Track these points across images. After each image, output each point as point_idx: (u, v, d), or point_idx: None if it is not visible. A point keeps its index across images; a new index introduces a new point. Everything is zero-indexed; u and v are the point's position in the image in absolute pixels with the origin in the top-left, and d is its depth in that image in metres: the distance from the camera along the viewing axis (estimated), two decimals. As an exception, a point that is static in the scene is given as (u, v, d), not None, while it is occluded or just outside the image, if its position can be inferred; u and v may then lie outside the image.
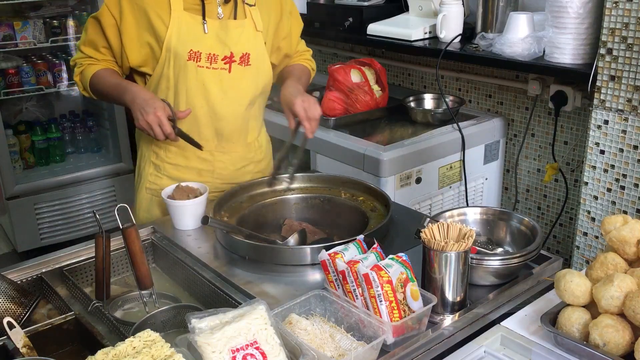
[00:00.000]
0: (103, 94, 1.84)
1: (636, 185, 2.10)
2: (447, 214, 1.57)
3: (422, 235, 1.29)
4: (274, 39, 1.95)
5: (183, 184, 1.80)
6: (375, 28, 2.95)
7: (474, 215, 1.59)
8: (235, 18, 1.83)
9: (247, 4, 1.85)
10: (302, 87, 1.90)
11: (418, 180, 2.51)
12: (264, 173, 2.04)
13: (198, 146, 1.79)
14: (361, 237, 1.41)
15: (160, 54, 1.77)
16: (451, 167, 2.61)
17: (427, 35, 2.85)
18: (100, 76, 1.82)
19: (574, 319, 1.22)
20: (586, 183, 2.23)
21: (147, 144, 1.96)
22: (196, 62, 1.78)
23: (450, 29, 2.71)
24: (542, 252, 1.50)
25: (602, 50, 2.07)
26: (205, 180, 1.90)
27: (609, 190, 2.17)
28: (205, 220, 1.54)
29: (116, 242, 1.58)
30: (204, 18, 1.78)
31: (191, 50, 1.77)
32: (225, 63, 1.81)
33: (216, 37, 1.79)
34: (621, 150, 2.10)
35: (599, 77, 2.11)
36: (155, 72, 1.82)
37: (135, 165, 1.99)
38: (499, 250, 1.56)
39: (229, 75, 1.83)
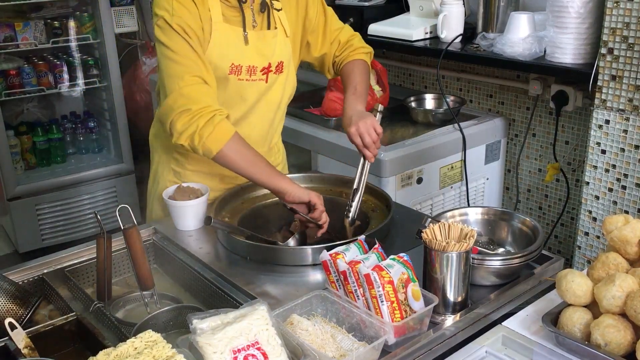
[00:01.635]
0: (236, 168, 1.64)
1: (637, 185, 2.10)
2: (448, 214, 1.57)
3: (424, 235, 1.29)
4: (302, 37, 1.89)
5: (184, 184, 1.80)
6: (376, 28, 2.95)
7: (475, 215, 1.59)
8: (269, 27, 1.78)
9: (275, 9, 1.79)
10: (362, 100, 1.81)
11: (419, 181, 2.51)
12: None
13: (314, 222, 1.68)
14: (362, 237, 1.41)
15: None
16: (452, 167, 2.61)
17: (427, 36, 2.84)
18: (239, 145, 1.61)
19: (575, 319, 1.22)
20: (587, 183, 2.22)
21: (166, 149, 1.90)
22: (237, 75, 1.73)
23: (451, 29, 2.70)
24: (544, 252, 1.50)
25: (603, 50, 2.07)
26: (227, 186, 1.86)
27: (610, 190, 2.17)
28: (208, 220, 1.54)
29: (117, 243, 1.58)
30: (244, 29, 1.72)
31: (232, 64, 1.71)
32: (263, 74, 1.77)
33: (255, 48, 1.74)
34: (622, 150, 2.10)
35: (600, 77, 2.10)
36: None
37: (136, 167, 1.98)
38: (500, 250, 1.56)
39: (265, 85, 1.79)
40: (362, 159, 1.73)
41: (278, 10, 1.80)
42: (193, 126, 1.57)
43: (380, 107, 1.78)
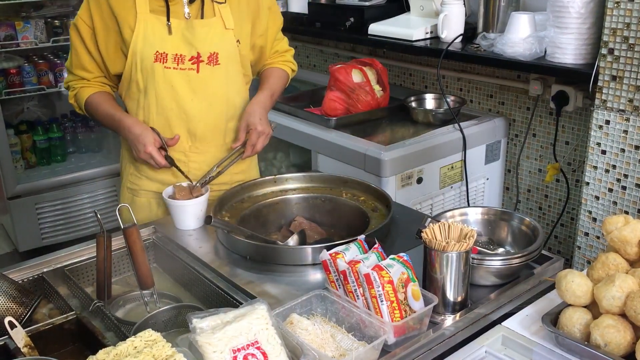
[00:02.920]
0: (100, 121, 1.91)
1: (637, 185, 2.10)
2: (448, 214, 1.57)
3: (423, 235, 1.29)
4: (251, 36, 1.93)
5: (184, 184, 1.79)
6: (377, 28, 2.95)
7: (475, 215, 1.59)
8: (202, 17, 1.82)
9: (216, 2, 1.83)
10: (271, 107, 1.94)
11: (419, 180, 2.50)
12: (243, 174, 2.01)
13: (185, 175, 1.80)
14: (362, 237, 1.41)
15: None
16: (452, 167, 2.61)
17: (428, 35, 2.84)
18: (94, 103, 1.86)
19: (575, 319, 1.22)
20: (587, 183, 2.22)
21: (128, 144, 1.94)
22: (163, 63, 1.79)
23: (452, 29, 2.70)
24: (543, 252, 1.50)
25: (604, 50, 2.07)
26: (179, 181, 1.86)
27: (610, 190, 2.17)
28: (208, 220, 1.55)
29: (117, 242, 1.58)
30: (168, 19, 1.78)
31: (157, 51, 1.78)
32: (192, 63, 1.81)
33: (182, 37, 1.79)
34: (622, 150, 2.10)
35: (600, 77, 2.10)
36: (124, 77, 1.84)
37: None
38: (500, 250, 1.56)
39: (197, 76, 1.82)
40: (238, 151, 1.85)
41: (220, 3, 1.83)
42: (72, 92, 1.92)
43: (274, 125, 1.91)
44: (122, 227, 1.43)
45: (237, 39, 1.87)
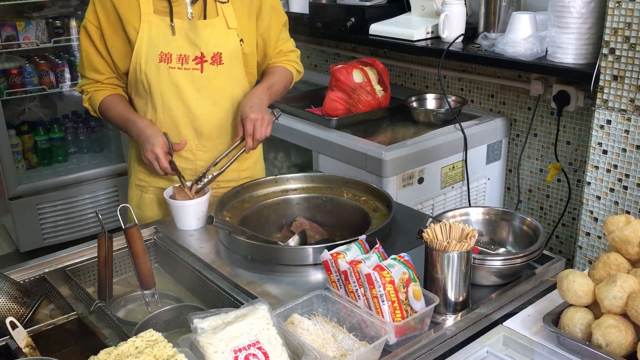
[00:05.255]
0: (113, 123, 1.94)
1: (639, 185, 2.10)
2: (450, 214, 1.57)
3: (425, 235, 1.29)
4: (255, 34, 1.93)
5: (189, 183, 1.79)
6: (378, 28, 2.95)
7: (476, 215, 1.59)
8: (205, 17, 1.83)
9: (219, 1, 1.84)
10: (268, 99, 1.90)
11: (420, 181, 2.50)
12: (250, 172, 2.03)
13: (183, 182, 1.78)
14: (363, 237, 1.41)
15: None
16: (453, 167, 2.61)
17: (429, 35, 2.84)
18: (108, 105, 1.89)
19: (576, 319, 1.22)
20: (589, 183, 2.22)
21: (137, 144, 1.95)
22: (167, 63, 1.81)
23: (453, 28, 2.70)
24: (545, 252, 1.50)
25: (605, 50, 2.07)
26: (188, 179, 1.86)
27: (612, 190, 2.17)
28: (210, 220, 1.55)
29: (118, 242, 1.58)
30: (171, 20, 1.79)
31: (161, 52, 1.80)
32: (197, 63, 1.82)
33: (186, 37, 1.81)
34: (624, 150, 2.10)
35: (601, 77, 2.10)
36: (130, 77, 1.86)
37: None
38: (502, 250, 1.56)
39: (201, 75, 1.84)
40: (238, 144, 1.82)
41: (222, 2, 1.84)
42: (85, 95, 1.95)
43: (278, 113, 1.87)
44: (123, 227, 1.43)
45: (240, 38, 1.87)
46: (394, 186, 2.42)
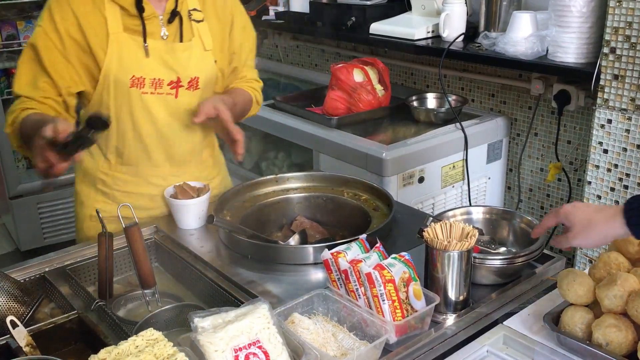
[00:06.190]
0: (29, 140, 1.47)
1: (639, 184, 2.10)
2: (450, 213, 1.57)
3: (425, 234, 1.29)
4: (227, 55, 1.82)
5: (192, 183, 1.79)
6: (378, 27, 2.95)
7: (476, 214, 1.59)
8: (181, 39, 1.69)
9: (194, 20, 1.71)
10: (227, 98, 1.73)
11: (421, 180, 2.50)
12: (219, 189, 1.92)
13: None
14: (364, 236, 1.41)
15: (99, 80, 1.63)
16: (454, 167, 2.61)
17: (429, 35, 2.84)
18: (28, 120, 1.55)
19: (576, 319, 1.22)
20: (589, 182, 2.22)
21: (91, 169, 1.81)
22: (140, 88, 1.65)
23: (453, 28, 2.70)
24: (545, 251, 1.50)
25: (606, 50, 2.07)
26: (157, 205, 1.80)
27: (613, 189, 2.17)
28: (210, 219, 1.55)
29: (119, 241, 1.58)
30: (144, 40, 1.63)
31: (133, 76, 1.63)
32: (171, 88, 1.68)
33: (160, 60, 1.65)
34: (624, 149, 2.10)
35: (602, 76, 2.10)
36: (94, 100, 1.68)
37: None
38: (502, 249, 1.56)
39: (175, 100, 1.70)
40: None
41: (198, 21, 1.71)
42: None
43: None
44: (123, 226, 1.43)
45: (214, 59, 1.76)
46: (395, 185, 2.42)
